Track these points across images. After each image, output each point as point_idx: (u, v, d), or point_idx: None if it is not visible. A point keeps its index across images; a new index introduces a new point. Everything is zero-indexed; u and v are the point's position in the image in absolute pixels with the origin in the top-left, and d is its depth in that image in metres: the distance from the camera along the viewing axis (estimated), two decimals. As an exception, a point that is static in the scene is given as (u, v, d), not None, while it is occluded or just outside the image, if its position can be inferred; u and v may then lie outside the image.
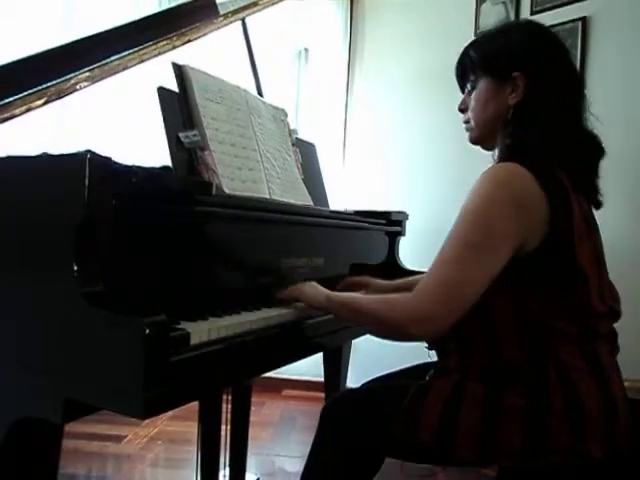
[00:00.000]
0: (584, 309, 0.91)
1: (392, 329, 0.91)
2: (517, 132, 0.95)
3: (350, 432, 0.98)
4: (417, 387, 0.97)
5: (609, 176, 1.08)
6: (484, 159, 1.15)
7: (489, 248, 0.85)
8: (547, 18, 2.40)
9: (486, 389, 0.91)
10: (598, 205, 1.02)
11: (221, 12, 1.55)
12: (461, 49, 1.07)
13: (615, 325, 0.99)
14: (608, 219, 1.13)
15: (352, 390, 1.14)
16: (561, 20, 2.34)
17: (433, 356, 1.13)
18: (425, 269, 0.93)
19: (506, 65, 0.97)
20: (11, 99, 1.04)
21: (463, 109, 1.07)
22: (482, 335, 0.95)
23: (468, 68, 1.04)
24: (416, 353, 1.17)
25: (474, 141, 1.07)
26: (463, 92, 1.08)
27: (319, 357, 1.67)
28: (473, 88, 1.03)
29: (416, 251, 1.88)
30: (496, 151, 1.04)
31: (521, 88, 0.95)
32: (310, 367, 1.91)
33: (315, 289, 1.06)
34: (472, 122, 1.04)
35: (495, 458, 0.89)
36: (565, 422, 0.86)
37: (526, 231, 0.87)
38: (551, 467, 0.88)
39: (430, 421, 0.91)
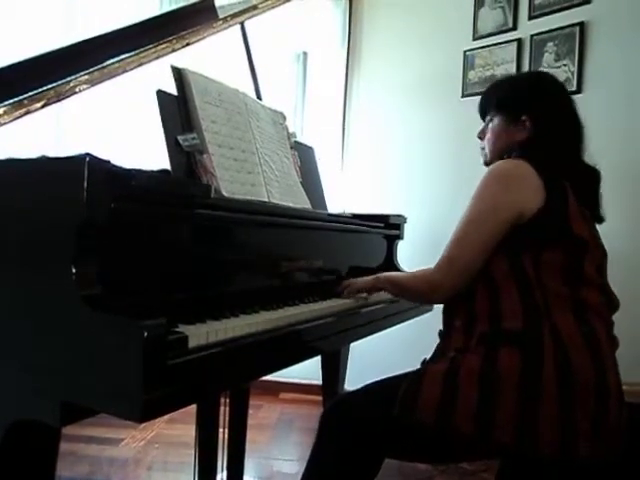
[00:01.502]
0: (575, 271, 1.00)
1: (418, 296, 1.22)
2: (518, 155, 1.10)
3: (350, 434, 1.00)
4: (413, 373, 1.02)
5: (610, 181, 1.10)
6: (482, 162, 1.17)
7: (482, 224, 1.02)
8: (545, 23, 2.41)
9: (482, 359, 0.96)
10: (600, 220, 1.12)
11: (220, 15, 1.55)
12: (459, 52, 1.13)
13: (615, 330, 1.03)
14: (608, 223, 1.14)
15: (351, 393, 1.14)
16: (559, 25, 2.35)
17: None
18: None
19: (516, 109, 1.15)
20: (10, 102, 1.04)
21: (481, 137, 1.24)
22: (485, 295, 1.03)
23: (486, 107, 1.23)
24: (414, 356, 1.17)
25: (487, 165, 1.20)
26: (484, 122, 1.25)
27: (317, 360, 1.67)
28: (490, 122, 1.20)
29: (414, 254, 1.89)
30: None
31: (528, 128, 1.13)
32: (308, 370, 1.90)
33: (363, 278, 1.33)
34: (486, 149, 1.22)
35: (491, 429, 0.91)
36: (557, 389, 0.91)
37: (520, 201, 1.00)
38: (549, 468, 0.90)
39: (429, 398, 0.96)
